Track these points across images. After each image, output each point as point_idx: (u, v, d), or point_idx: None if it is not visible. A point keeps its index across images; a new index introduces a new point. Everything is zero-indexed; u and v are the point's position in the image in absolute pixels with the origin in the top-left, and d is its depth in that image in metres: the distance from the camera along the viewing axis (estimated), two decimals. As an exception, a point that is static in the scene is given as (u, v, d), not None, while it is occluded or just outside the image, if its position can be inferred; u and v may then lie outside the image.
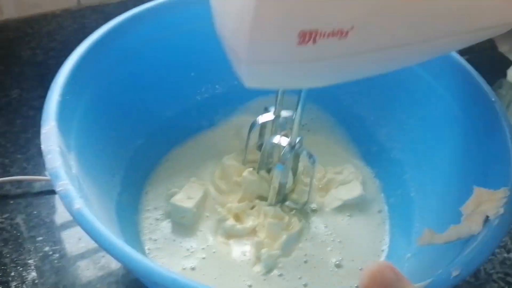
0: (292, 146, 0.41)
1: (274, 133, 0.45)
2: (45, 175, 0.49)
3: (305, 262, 0.42)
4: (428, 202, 0.42)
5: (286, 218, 0.44)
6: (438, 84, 0.43)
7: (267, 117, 0.45)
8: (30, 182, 0.50)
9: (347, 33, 0.23)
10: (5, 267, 0.43)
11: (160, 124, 0.49)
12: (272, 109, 0.45)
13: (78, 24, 0.69)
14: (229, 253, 0.43)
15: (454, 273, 0.27)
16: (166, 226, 0.44)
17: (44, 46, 0.65)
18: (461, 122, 0.40)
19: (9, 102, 0.57)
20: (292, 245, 0.43)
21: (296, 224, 0.44)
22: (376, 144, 0.50)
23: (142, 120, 0.46)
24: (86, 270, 0.43)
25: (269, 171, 0.47)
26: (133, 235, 0.42)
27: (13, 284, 0.42)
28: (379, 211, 0.47)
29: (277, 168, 0.42)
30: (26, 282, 0.42)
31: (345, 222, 0.46)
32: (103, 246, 0.26)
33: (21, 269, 0.43)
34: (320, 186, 0.48)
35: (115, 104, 0.42)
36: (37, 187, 0.49)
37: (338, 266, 0.42)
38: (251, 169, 0.46)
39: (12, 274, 0.42)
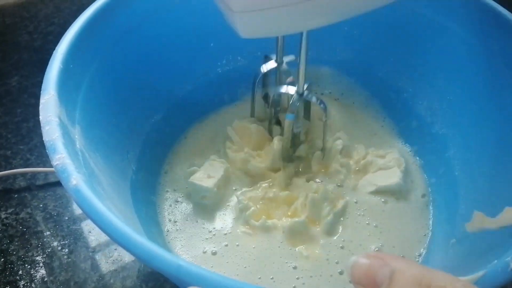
0: (300, 93, 0.39)
1: (279, 82, 0.43)
2: (50, 166, 0.46)
3: (342, 247, 0.39)
4: (475, 181, 0.37)
5: (330, 193, 0.41)
6: (484, 47, 0.38)
7: (270, 65, 0.43)
8: (34, 174, 0.46)
9: None
10: (12, 265, 0.40)
11: (179, 98, 0.45)
12: (274, 57, 0.43)
13: (77, 6, 0.65)
14: (255, 247, 0.39)
15: (512, 264, 0.22)
16: (186, 207, 0.41)
17: (42, 30, 0.62)
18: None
19: (9, 91, 0.54)
20: (335, 225, 0.40)
21: (339, 199, 0.41)
22: (416, 119, 0.45)
23: (159, 94, 0.43)
24: (98, 265, 0.40)
25: (279, 123, 0.46)
26: (151, 216, 0.40)
27: (21, 283, 0.39)
28: (423, 195, 0.42)
29: (287, 118, 0.40)
30: (35, 280, 0.39)
31: (380, 208, 0.41)
32: (102, 227, 0.23)
33: (29, 266, 0.40)
34: (357, 168, 0.44)
35: (128, 77, 0.39)
36: (42, 179, 0.46)
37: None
38: (277, 137, 0.43)
39: (20, 272, 0.39)
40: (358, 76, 0.48)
